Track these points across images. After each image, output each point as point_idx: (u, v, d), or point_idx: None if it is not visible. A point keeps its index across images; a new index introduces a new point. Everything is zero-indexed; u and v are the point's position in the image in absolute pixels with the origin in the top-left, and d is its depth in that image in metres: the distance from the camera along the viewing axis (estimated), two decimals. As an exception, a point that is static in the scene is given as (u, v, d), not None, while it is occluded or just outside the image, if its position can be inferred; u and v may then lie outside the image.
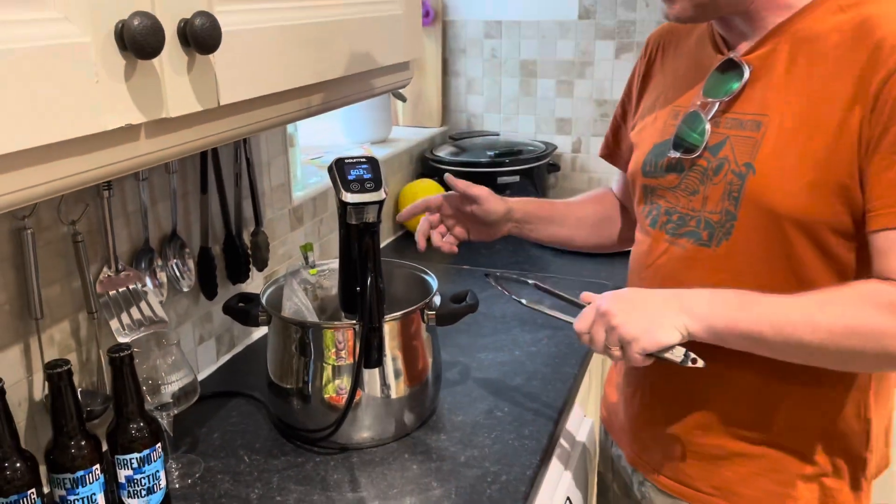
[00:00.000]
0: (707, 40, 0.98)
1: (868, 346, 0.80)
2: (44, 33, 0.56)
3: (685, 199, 0.96)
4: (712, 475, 1.00)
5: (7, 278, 0.92)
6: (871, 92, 0.81)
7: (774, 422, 0.95)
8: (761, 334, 0.83)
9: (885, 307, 0.79)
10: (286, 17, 0.83)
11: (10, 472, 0.83)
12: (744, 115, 0.91)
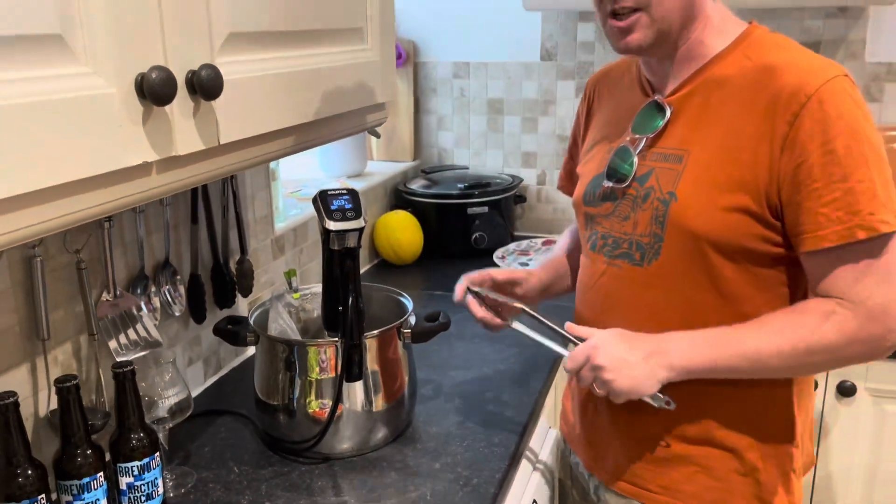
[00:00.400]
0: (636, 85, 1.10)
1: (826, 358, 0.95)
2: (76, 85, 0.66)
3: (619, 224, 1.07)
4: (660, 476, 1.09)
5: (18, 302, 1.01)
6: (779, 133, 0.93)
7: (711, 424, 1.05)
8: (735, 368, 0.97)
9: (831, 322, 0.92)
10: (277, 66, 0.94)
11: (23, 479, 0.90)
12: (667, 150, 1.03)
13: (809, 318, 0.94)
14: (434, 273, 2.04)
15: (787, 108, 0.93)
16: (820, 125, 0.91)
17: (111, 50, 0.68)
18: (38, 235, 0.67)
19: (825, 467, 1.72)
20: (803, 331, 0.94)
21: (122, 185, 0.74)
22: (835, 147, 0.91)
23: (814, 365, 0.98)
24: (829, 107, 0.91)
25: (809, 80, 0.93)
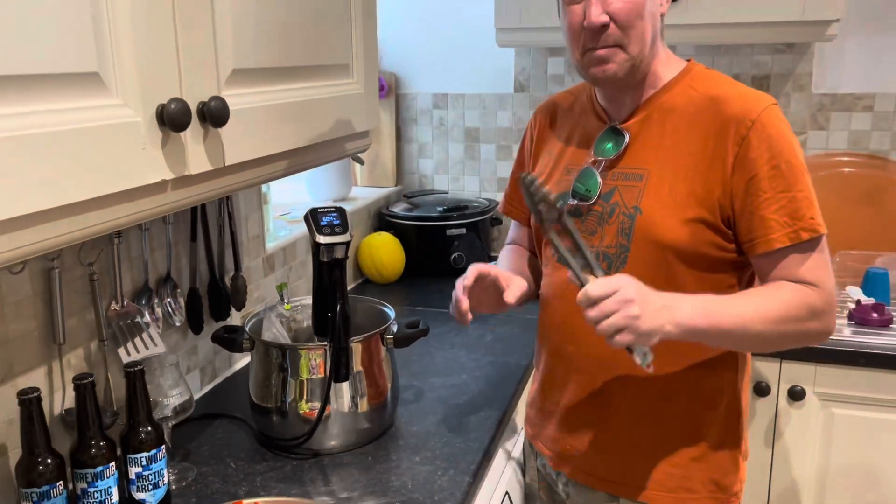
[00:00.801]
0: (590, 113, 1.23)
1: (795, 329, 1.08)
2: (109, 115, 0.78)
3: (585, 238, 1.20)
4: (624, 466, 1.21)
5: (37, 309, 1.11)
6: (731, 153, 1.08)
7: (669, 413, 1.17)
8: (727, 332, 1.05)
9: (803, 297, 1.07)
10: (275, 98, 1.06)
11: (43, 467, 1.01)
12: (627, 170, 1.16)
13: (787, 293, 1.07)
14: (415, 291, 2.16)
15: (736, 132, 1.08)
16: (765, 144, 1.07)
17: (137, 85, 0.80)
18: (72, 243, 0.78)
19: (780, 469, 1.84)
20: (780, 302, 1.07)
21: (143, 199, 0.86)
22: (778, 163, 1.07)
23: (784, 335, 1.08)
24: (770, 129, 1.07)
25: (751, 108, 1.09)
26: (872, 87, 2.13)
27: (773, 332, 1.07)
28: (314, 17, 1.16)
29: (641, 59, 1.11)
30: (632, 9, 1.07)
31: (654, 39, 1.13)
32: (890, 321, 1.85)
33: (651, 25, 1.10)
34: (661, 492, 1.19)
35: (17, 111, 0.68)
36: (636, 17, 1.07)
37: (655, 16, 1.11)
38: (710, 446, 1.19)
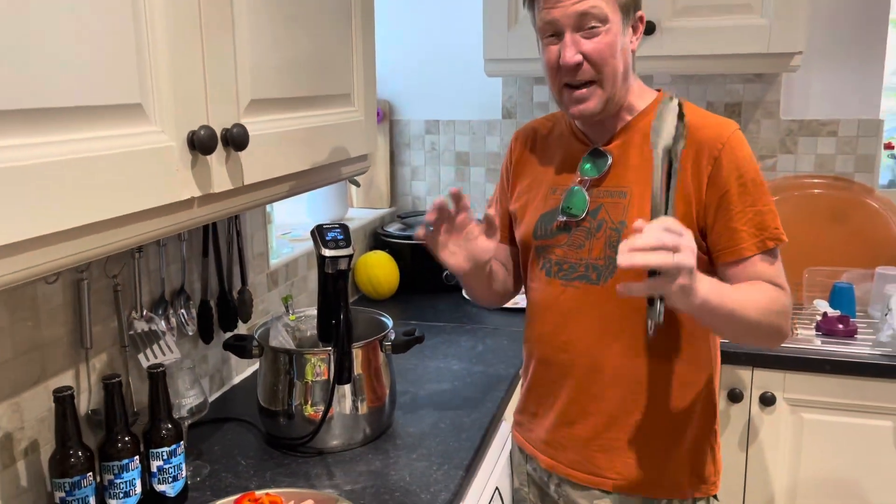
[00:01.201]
0: (570, 137, 1.35)
1: (774, 322, 1.19)
2: (148, 140, 0.89)
3: (573, 251, 1.31)
4: (614, 462, 1.31)
5: (67, 317, 1.22)
6: (705, 172, 1.21)
7: (655, 410, 1.28)
8: (731, 312, 1.13)
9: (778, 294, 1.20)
10: (286, 125, 1.18)
11: (75, 459, 1.11)
12: (611, 188, 1.28)
13: (766, 289, 1.20)
14: (409, 306, 2.27)
15: (709, 154, 1.21)
16: (734, 164, 1.20)
17: (172, 114, 0.92)
18: (107, 255, 0.89)
19: (755, 472, 1.95)
20: (765, 296, 1.19)
21: (173, 215, 0.97)
22: (745, 181, 1.20)
23: (766, 325, 1.19)
24: (738, 151, 1.21)
25: (721, 132, 1.22)
26: (836, 114, 2.28)
27: (761, 321, 1.18)
28: (320, 51, 1.29)
29: (615, 92, 1.23)
30: (603, 48, 1.19)
31: (627, 73, 1.25)
32: (854, 332, 1.97)
33: (623, 62, 1.22)
34: (651, 485, 1.30)
35: (70, 138, 0.79)
36: (608, 56, 1.19)
37: (627, 52, 1.23)
38: (692, 440, 1.31)
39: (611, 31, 1.19)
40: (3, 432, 1.11)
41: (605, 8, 1.18)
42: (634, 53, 1.27)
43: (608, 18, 1.18)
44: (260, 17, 1.09)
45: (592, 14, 1.17)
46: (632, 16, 1.23)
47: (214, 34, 0.99)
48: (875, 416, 1.85)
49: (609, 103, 1.24)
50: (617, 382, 1.29)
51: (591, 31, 1.18)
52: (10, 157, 0.70)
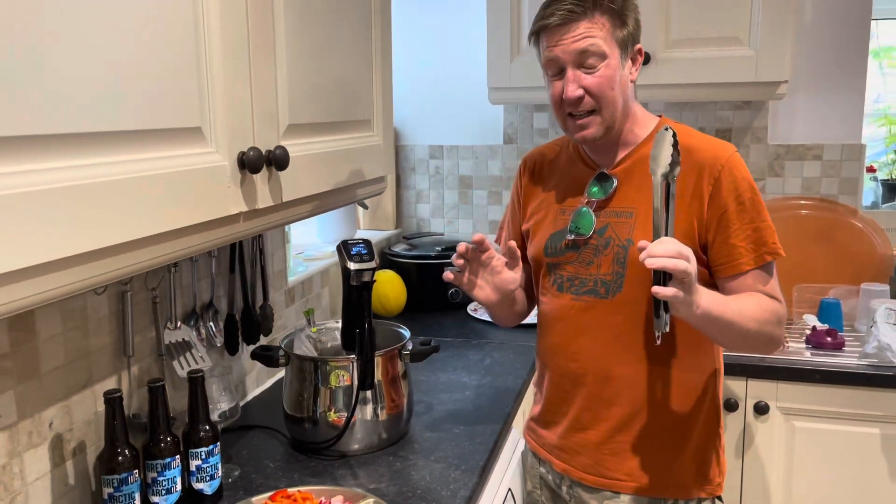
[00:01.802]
0: (578, 162, 1.45)
1: (767, 331, 1.30)
2: (205, 160, 0.99)
3: (583, 268, 1.40)
4: (624, 464, 1.39)
5: (111, 327, 1.31)
6: (706, 192, 1.30)
7: (662, 414, 1.36)
8: (729, 323, 1.24)
9: (772, 304, 1.30)
10: (317, 147, 1.29)
11: (122, 457, 1.19)
12: (618, 209, 1.38)
13: (761, 300, 1.30)
14: (416, 322, 2.36)
15: (710, 175, 1.31)
16: (733, 184, 1.30)
17: (226, 136, 1.02)
18: (157, 266, 0.96)
19: (750, 478, 2.04)
20: (760, 307, 1.29)
21: (222, 228, 1.06)
22: (744, 200, 1.30)
23: (761, 336, 1.29)
24: (736, 172, 1.31)
25: (719, 154, 1.32)
26: (820, 139, 2.41)
27: (756, 330, 1.28)
28: (345, 80, 1.39)
29: (615, 120, 1.33)
30: (602, 82, 1.29)
31: (627, 103, 1.35)
32: (842, 344, 2.08)
33: (621, 93, 1.32)
34: (659, 486, 1.38)
35: (138, 157, 0.88)
36: (607, 89, 1.30)
37: (625, 83, 1.33)
38: (697, 442, 1.39)
39: (609, 65, 1.29)
40: (54, 433, 1.19)
41: (602, 45, 1.28)
42: (634, 83, 1.38)
43: (606, 54, 1.29)
44: (295, 49, 1.19)
45: (591, 51, 1.28)
46: (630, 49, 1.33)
47: (260, 65, 1.09)
48: (862, 424, 1.94)
49: (610, 130, 1.34)
50: (627, 390, 1.38)
51: (591, 66, 1.29)
52: (85, 175, 0.78)
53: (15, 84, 0.69)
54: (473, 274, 1.40)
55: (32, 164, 0.71)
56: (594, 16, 1.28)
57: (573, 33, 1.28)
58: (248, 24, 1.05)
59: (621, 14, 1.30)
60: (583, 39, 1.28)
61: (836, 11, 2.34)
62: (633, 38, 1.34)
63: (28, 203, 0.70)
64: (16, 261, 0.69)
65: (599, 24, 1.28)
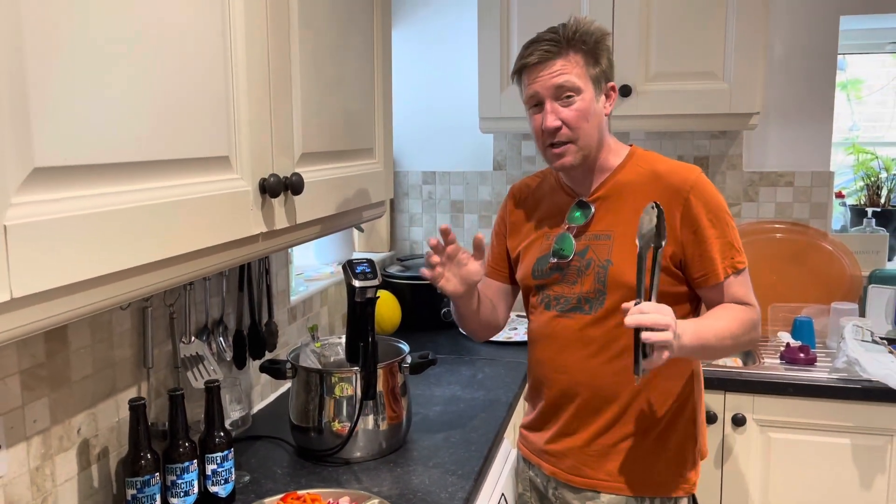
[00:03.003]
0: (559, 190, 1.57)
1: (744, 339, 1.42)
2: (231, 186, 1.10)
3: (568, 287, 1.52)
4: (605, 466, 1.50)
5: (133, 340, 1.40)
6: (677, 213, 1.42)
7: (643, 418, 1.47)
8: (710, 347, 1.39)
9: (747, 312, 1.42)
10: (326, 174, 1.40)
11: (145, 461, 1.28)
12: (597, 232, 1.50)
13: (736, 312, 1.42)
14: (411, 340, 2.40)
15: (679, 196, 1.43)
16: (702, 202, 1.43)
17: (249, 164, 1.13)
18: (181, 283, 1.06)
19: (729, 488, 2.15)
20: (737, 320, 1.41)
21: (243, 248, 1.17)
22: (713, 216, 1.43)
23: (739, 345, 1.44)
24: (703, 191, 1.44)
25: (687, 177, 1.45)
26: (792, 167, 2.56)
27: (735, 344, 1.42)
28: (352, 112, 1.51)
29: (590, 150, 1.46)
30: (578, 115, 1.42)
31: (601, 134, 1.48)
32: (814, 360, 2.20)
33: (596, 125, 1.45)
34: (638, 485, 1.49)
35: (170, 184, 0.98)
36: (582, 121, 1.42)
37: (600, 116, 1.46)
38: (677, 445, 1.50)
39: (584, 99, 1.42)
40: (82, 438, 1.28)
41: (577, 81, 1.41)
42: (609, 117, 1.50)
43: (581, 89, 1.42)
44: (308, 86, 1.31)
45: (566, 86, 1.41)
46: (603, 86, 1.46)
47: (279, 101, 1.21)
48: (834, 434, 2.06)
49: (586, 158, 1.47)
50: (612, 398, 1.48)
51: (568, 99, 1.42)
52: (125, 200, 0.87)
53: (77, 120, 0.80)
54: (442, 267, 1.49)
55: (81, 190, 0.81)
56: (569, 54, 1.41)
57: (550, 70, 1.41)
58: (269, 66, 1.17)
59: (594, 53, 1.43)
60: (559, 75, 1.41)
61: (805, 47, 2.50)
62: (605, 76, 1.46)
63: (73, 226, 0.78)
64: (60, 278, 0.77)
65: (574, 61, 1.42)
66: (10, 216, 0.71)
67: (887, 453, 2.04)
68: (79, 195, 0.81)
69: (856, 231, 2.64)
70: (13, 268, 0.71)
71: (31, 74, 0.73)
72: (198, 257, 1.05)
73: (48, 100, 0.75)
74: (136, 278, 0.92)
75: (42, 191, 0.75)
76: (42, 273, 0.75)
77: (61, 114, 0.77)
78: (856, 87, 3.12)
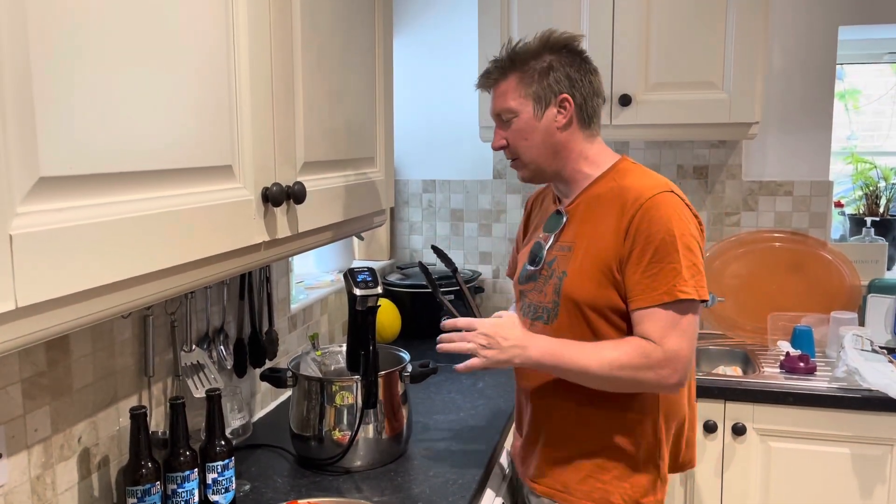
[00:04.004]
0: (552, 199, 1.58)
1: (628, 375, 1.36)
2: (233, 195, 1.10)
3: (537, 295, 1.52)
4: (560, 477, 1.49)
5: (134, 348, 1.40)
6: (623, 228, 1.39)
7: (596, 439, 1.45)
8: (568, 371, 1.38)
9: (641, 350, 1.35)
10: (327, 183, 1.40)
11: (146, 470, 1.28)
12: (564, 243, 1.49)
13: (627, 346, 1.37)
14: (411, 349, 2.40)
15: (629, 212, 1.39)
16: (645, 224, 1.36)
17: (252, 173, 1.14)
18: (184, 292, 1.07)
19: (729, 497, 2.14)
20: (620, 353, 1.36)
21: (246, 256, 1.17)
22: (653, 239, 1.35)
23: (619, 380, 1.36)
24: (653, 212, 1.36)
25: (643, 193, 1.39)
26: (791, 176, 2.57)
27: (608, 375, 1.36)
28: (353, 122, 1.52)
29: (538, 165, 1.47)
30: (515, 135, 1.46)
31: (553, 148, 1.45)
32: (814, 369, 2.20)
33: (540, 141, 1.44)
34: (587, 497, 1.46)
35: (174, 193, 0.98)
36: (520, 139, 1.45)
37: (545, 131, 1.44)
38: (631, 468, 1.46)
39: (520, 119, 1.45)
40: (82, 447, 1.28)
41: (511, 103, 1.45)
42: (566, 128, 1.45)
43: (516, 110, 1.45)
44: (310, 95, 1.31)
45: (504, 110, 1.47)
46: (551, 100, 1.44)
47: (281, 110, 1.21)
48: (834, 444, 2.06)
49: (539, 172, 1.49)
50: (563, 405, 1.48)
51: (508, 122, 1.47)
52: (130, 209, 0.88)
53: (82, 130, 0.80)
54: None
55: (85, 199, 0.81)
56: (506, 77, 1.47)
57: (494, 95, 1.49)
58: (272, 76, 1.18)
59: (531, 71, 1.44)
60: (496, 100, 1.49)
61: (803, 57, 2.51)
62: (551, 90, 1.44)
63: (77, 235, 0.79)
64: (64, 288, 0.77)
65: (509, 83, 1.46)
66: (15, 225, 0.71)
67: (887, 463, 2.04)
68: (83, 205, 0.81)
69: (855, 240, 2.65)
70: (18, 277, 0.71)
71: (37, 85, 0.73)
72: (200, 266, 1.05)
73: (53, 110, 0.75)
74: (139, 287, 0.93)
75: (47, 200, 0.76)
76: (47, 282, 0.75)
77: (66, 124, 0.77)
78: (854, 97, 3.13)
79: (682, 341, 1.35)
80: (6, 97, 0.69)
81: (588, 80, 1.47)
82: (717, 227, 2.63)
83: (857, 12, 2.46)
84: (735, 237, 2.59)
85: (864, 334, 2.21)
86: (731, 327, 2.53)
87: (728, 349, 2.45)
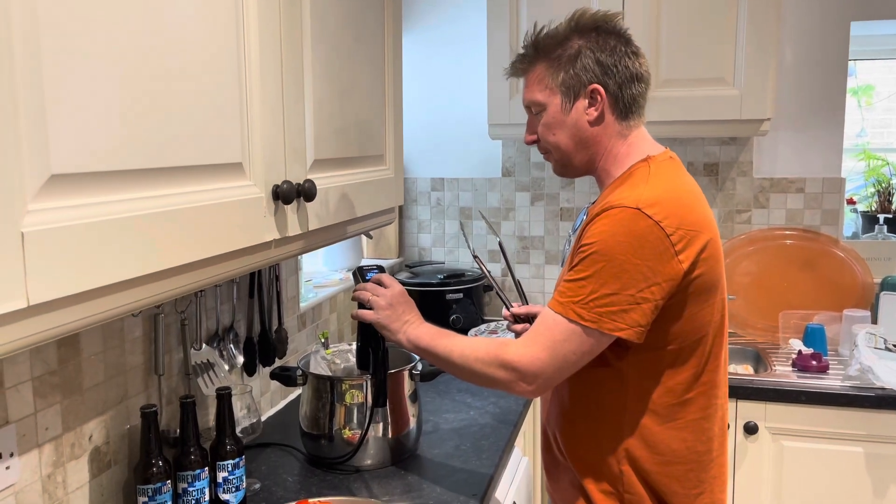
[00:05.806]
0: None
1: (482, 368, 1.28)
2: (244, 192, 1.10)
3: None
4: (553, 484, 1.43)
5: (144, 346, 1.40)
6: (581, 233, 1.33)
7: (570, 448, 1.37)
8: (437, 356, 1.34)
9: (499, 350, 1.28)
10: (337, 181, 1.39)
11: (157, 468, 1.27)
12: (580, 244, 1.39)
13: (492, 342, 1.32)
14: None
15: (590, 217, 1.30)
16: (589, 234, 1.27)
17: (262, 170, 1.13)
18: (201, 288, 1.06)
19: (741, 496, 2.13)
20: (480, 346, 1.31)
21: (256, 254, 1.17)
22: (587, 251, 1.23)
23: (473, 372, 1.30)
24: (603, 226, 1.22)
25: (607, 205, 1.28)
26: (802, 173, 2.54)
27: (465, 366, 1.31)
28: (363, 120, 1.51)
29: (570, 158, 1.38)
30: (544, 130, 1.36)
31: (583, 143, 1.35)
32: (826, 367, 2.18)
33: (568, 135, 1.35)
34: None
35: (185, 190, 0.97)
36: (548, 134, 1.36)
37: (573, 125, 1.34)
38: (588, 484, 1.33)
39: (548, 112, 1.35)
40: (93, 446, 1.28)
41: (538, 96, 1.35)
42: (598, 122, 1.33)
43: (543, 103, 1.35)
44: (320, 93, 1.31)
45: (531, 102, 1.38)
46: (582, 92, 1.33)
47: (291, 108, 1.21)
48: (846, 443, 2.04)
49: (567, 168, 1.41)
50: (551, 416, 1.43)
51: (537, 115, 1.38)
52: (142, 206, 0.87)
53: (94, 127, 0.80)
54: None
55: (97, 196, 0.81)
56: (534, 66, 1.36)
57: (524, 85, 1.40)
58: (283, 74, 1.17)
59: (559, 58, 1.33)
60: (525, 92, 1.39)
61: (816, 53, 2.49)
62: (579, 80, 1.32)
63: (89, 233, 0.78)
64: (76, 285, 0.77)
65: (537, 74, 1.35)
66: (27, 223, 0.71)
67: (901, 462, 2.02)
68: (95, 202, 0.80)
69: (867, 237, 2.63)
70: (30, 275, 0.71)
71: (49, 83, 0.73)
72: (211, 264, 1.05)
73: (65, 107, 0.75)
74: (150, 285, 0.92)
75: (59, 197, 0.75)
76: (58, 280, 0.75)
77: (78, 121, 0.77)
78: (867, 93, 3.11)
79: (544, 354, 1.24)
80: (18, 94, 0.69)
81: (624, 64, 1.32)
82: (728, 224, 2.61)
83: (869, 7, 2.44)
84: (746, 235, 2.57)
85: (878, 332, 2.19)
86: (742, 325, 2.52)
87: (739, 347, 2.43)
